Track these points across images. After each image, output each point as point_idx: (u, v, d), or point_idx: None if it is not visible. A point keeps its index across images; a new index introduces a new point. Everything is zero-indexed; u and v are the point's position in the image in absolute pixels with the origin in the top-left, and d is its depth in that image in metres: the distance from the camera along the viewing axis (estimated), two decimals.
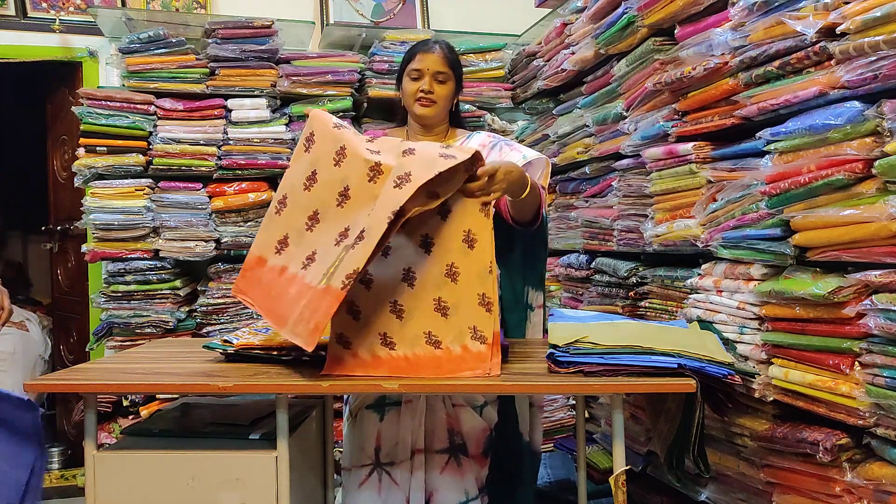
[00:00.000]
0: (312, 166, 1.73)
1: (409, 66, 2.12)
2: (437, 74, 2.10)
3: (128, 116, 3.08)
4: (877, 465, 1.51)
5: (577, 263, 2.81)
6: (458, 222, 1.68)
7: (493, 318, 1.65)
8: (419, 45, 2.14)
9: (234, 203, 3.15)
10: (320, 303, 1.53)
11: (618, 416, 1.59)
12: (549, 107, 3.19)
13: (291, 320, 1.58)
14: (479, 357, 1.63)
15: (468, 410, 2.03)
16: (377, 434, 2.00)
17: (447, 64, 2.11)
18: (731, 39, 1.87)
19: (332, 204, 1.68)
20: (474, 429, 2.03)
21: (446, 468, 2.00)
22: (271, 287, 1.69)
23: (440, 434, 2.01)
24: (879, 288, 1.48)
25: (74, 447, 3.79)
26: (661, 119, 2.23)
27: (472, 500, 2.01)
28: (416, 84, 2.10)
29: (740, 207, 1.87)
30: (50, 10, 3.66)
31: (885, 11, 1.41)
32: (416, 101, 2.10)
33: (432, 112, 2.12)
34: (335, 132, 1.72)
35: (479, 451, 2.03)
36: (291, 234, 1.72)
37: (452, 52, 2.15)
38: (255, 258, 1.77)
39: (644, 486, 2.35)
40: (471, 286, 1.65)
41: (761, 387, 1.78)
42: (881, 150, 1.44)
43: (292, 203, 1.75)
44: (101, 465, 1.59)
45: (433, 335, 1.65)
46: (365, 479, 1.98)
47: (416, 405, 2.00)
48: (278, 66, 3.28)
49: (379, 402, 2.02)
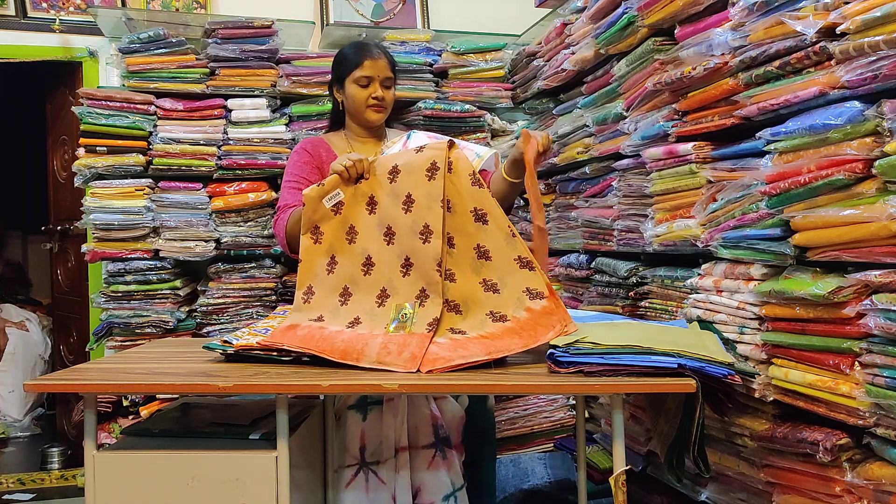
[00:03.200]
0: (328, 254, 1.83)
1: (355, 73, 2.18)
2: (385, 80, 2.20)
3: (128, 116, 3.08)
4: (877, 465, 1.51)
5: (577, 263, 2.81)
6: (462, 206, 1.72)
7: (538, 275, 1.69)
8: (363, 52, 2.20)
9: (234, 203, 3.15)
10: (407, 340, 1.65)
11: (618, 416, 1.59)
12: (549, 107, 3.20)
13: (370, 353, 1.65)
14: (547, 312, 1.66)
15: (448, 400, 2.06)
16: (361, 434, 2.01)
17: (391, 69, 2.21)
18: (731, 39, 1.87)
19: (360, 274, 1.80)
20: (454, 418, 2.07)
21: (432, 463, 2.02)
22: (314, 334, 1.75)
23: (425, 430, 2.03)
24: (879, 288, 1.48)
25: (74, 447, 3.79)
26: (661, 119, 2.23)
27: (458, 489, 2.03)
28: (367, 91, 2.19)
29: (740, 207, 1.87)
30: (50, 10, 3.66)
31: (885, 11, 1.41)
32: (369, 107, 2.17)
33: (383, 117, 2.27)
34: (326, 210, 1.83)
35: (459, 439, 2.07)
36: (326, 314, 1.81)
37: (391, 55, 2.25)
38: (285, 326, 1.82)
39: (644, 486, 2.35)
40: (504, 255, 1.70)
41: (761, 387, 1.78)
42: (881, 150, 1.44)
43: (319, 290, 1.85)
44: (101, 465, 1.59)
45: (496, 312, 1.70)
46: (351, 479, 2.00)
47: (397, 403, 2.02)
48: (278, 66, 3.27)
49: (361, 402, 2.03)
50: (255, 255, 3.19)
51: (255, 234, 3.17)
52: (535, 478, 2.64)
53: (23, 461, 3.88)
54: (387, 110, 2.23)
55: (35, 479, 3.56)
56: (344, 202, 1.83)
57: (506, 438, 3.05)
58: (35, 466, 3.75)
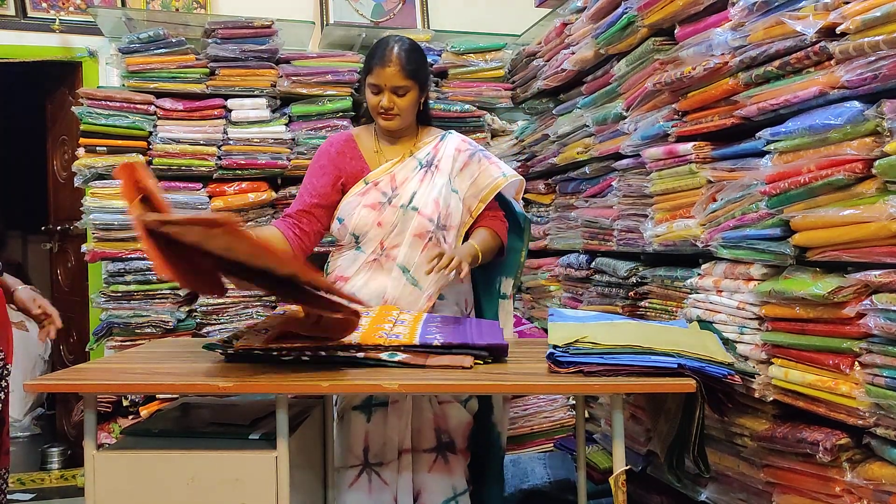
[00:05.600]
0: None
1: (368, 78, 2.09)
2: (395, 89, 2.06)
3: (128, 116, 3.08)
4: (877, 465, 1.51)
5: (577, 263, 2.81)
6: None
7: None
8: (376, 58, 2.07)
9: (234, 203, 3.15)
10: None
11: (618, 416, 1.59)
12: (549, 107, 3.19)
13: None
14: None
15: (455, 405, 2.05)
16: (365, 435, 2.01)
17: (405, 76, 2.05)
18: (731, 39, 1.87)
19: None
20: (460, 423, 2.05)
21: (434, 467, 2.01)
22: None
23: (427, 434, 2.02)
24: (879, 288, 1.47)
25: (74, 447, 3.79)
26: (661, 119, 2.23)
27: (461, 494, 2.02)
28: (377, 98, 2.07)
29: (740, 207, 1.87)
30: (50, 10, 3.66)
31: (885, 11, 1.41)
32: (379, 114, 2.10)
33: (395, 124, 2.12)
34: None
35: (464, 444, 2.06)
36: None
37: (412, 58, 2.07)
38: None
39: (644, 486, 2.35)
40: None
41: (761, 387, 1.78)
42: (881, 150, 1.44)
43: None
44: (101, 465, 1.59)
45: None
46: (354, 479, 2.00)
47: (402, 405, 2.01)
48: (278, 66, 3.28)
49: (366, 402, 2.02)
50: None
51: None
52: (535, 478, 2.64)
53: (23, 461, 3.88)
54: (400, 118, 2.09)
55: (35, 479, 3.56)
56: None
57: (506, 438, 3.05)
58: (35, 466, 3.74)
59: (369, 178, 2.12)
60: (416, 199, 2.08)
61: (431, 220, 2.07)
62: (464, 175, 2.13)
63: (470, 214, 2.15)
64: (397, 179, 2.11)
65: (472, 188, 2.13)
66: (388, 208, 2.08)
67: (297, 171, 3.18)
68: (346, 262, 2.15)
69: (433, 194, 2.08)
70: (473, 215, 2.15)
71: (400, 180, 2.11)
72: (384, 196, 2.09)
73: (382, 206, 2.08)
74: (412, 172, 2.12)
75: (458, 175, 2.13)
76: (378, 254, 2.09)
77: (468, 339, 1.73)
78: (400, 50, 2.06)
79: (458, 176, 2.13)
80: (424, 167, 2.12)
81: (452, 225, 2.11)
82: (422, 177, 2.11)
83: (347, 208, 2.11)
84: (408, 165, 2.13)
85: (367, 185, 2.11)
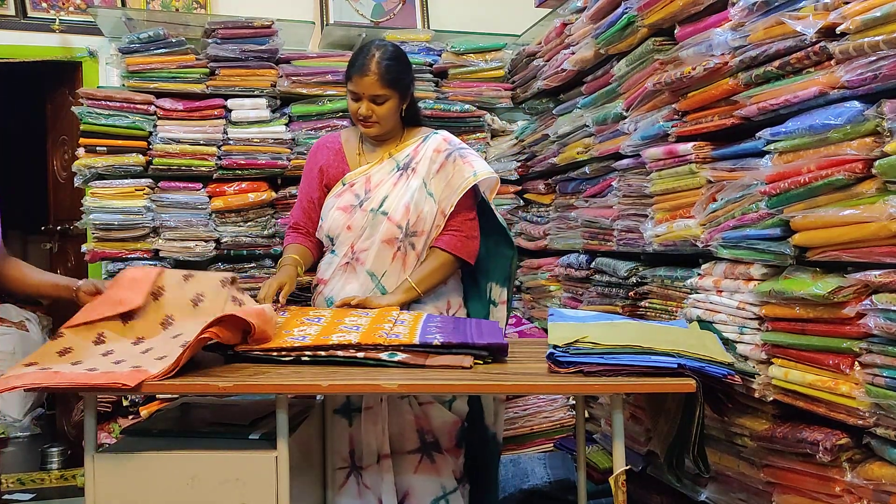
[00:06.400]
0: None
1: (348, 85, 2.10)
2: (374, 98, 2.06)
3: (128, 116, 3.08)
4: (877, 465, 1.51)
5: (577, 263, 2.81)
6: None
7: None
8: (355, 66, 2.07)
9: (234, 203, 3.15)
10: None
11: (618, 416, 1.59)
12: (549, 107, 3.19)
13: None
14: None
15: (436, 406, 2.05)
16: (349, 438, 2.01)
17: (383, 85, 2.04)
18: (731, 39, 1.87)
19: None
20: (445, 423, 2.05)
21: (419, 467, 2.01)
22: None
23: (410, 436, 2.03)
24: (879, 288, 1.47)
25: (74, 447, 3.79)
26: (661, 119, 2.23)
27: (451, 492, 2.02)
28: (356, 105, 2.08)
29: (740, 207, 1.87)
30: (50, 10, 3.66)
31: (885, 11, 1.41)
32: (359, 121, 2.11)
33: (374, 131, 2.13)
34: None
35: (452, 444, 2.06)
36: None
37: (391, 67, 2.06)
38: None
39: (644, 486, 2.35)
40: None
41: (761, 387, 1.78)
42: (881, 150, 1.44)
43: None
44: (101, 465, 1.59)
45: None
46: (344, 481, 2.01)
47: (377, 411, 2.01)
48: (278, 66, 3.27)
49: (345, 407, 2.04)
50: (255, 256, 3.19)
51: (255, 235, 3.17)
52: (534, 478, 2.64)
53: (22, 461, 3.88)
54: (379, 125, 2.10)
55: (35, 479, 3.56)
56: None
57: (505, 438, 3.03)
58: (35, 466, 3.74)
59: (346, 179, 2.15)
60: (386, 203, 2.09)
61: (400, 226, 2.07)
62: (440, 177, 2.13)
63: (443, 215, 2.14)
64: (372, 182, 2.12)
65: (446, 189, 2.13)
66: (359, 212, 2.09)
67: (297, 171, 3.17)
68: (324, 265, 2.19)
69: (405, 199, 2.08)
70: (446, 216, 2.14)
71: (374, 183, 2.12)
72: (356, 199, 2.11)
73: (353, 209, 2.10)
74: (388, 175, 2.12)
75: (435, 177, 2.12)
76: (349, 257, 2.10)
77: (468, 338, 1.74)
78: (380, 58, 2.05)
79: (435, 178, 2.12)
80: (401, 169, 2.13)
81: (423, 230, 2.11)
82: (396, 180, 2.11)
83: (325, 209, 2.16)
84: (385, 168, 2.14)
85: (344, 187, 2.14)
